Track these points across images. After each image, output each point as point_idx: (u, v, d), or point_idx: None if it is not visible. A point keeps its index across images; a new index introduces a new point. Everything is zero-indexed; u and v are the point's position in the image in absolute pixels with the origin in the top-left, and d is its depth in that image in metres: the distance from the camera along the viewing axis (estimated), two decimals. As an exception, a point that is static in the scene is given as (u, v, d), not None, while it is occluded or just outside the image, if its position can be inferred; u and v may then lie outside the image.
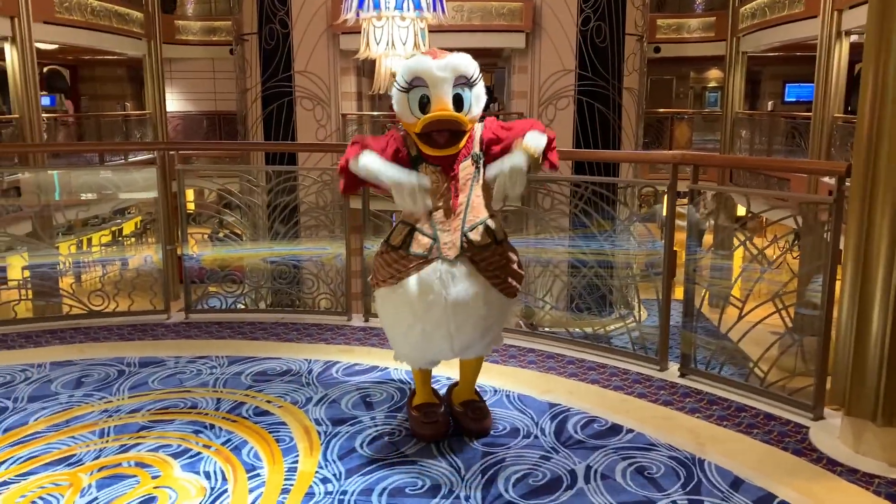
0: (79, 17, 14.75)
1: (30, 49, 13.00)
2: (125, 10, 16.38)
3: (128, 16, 16.47)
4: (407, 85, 2.73)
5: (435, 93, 2.69)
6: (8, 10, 12.53)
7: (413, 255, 2.77)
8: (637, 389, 3.53)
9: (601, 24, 13.09)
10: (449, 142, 2.74)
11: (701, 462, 2.81)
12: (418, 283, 2.73)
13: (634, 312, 4.25)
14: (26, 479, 2.68)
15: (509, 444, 2.94)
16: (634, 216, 4.30)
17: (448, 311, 2.72)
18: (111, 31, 15.86)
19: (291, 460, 2.82)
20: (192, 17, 20.19)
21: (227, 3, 19.09)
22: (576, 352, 4.04)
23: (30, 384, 3.59)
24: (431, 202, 2.76)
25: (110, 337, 4.37)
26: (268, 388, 3.53)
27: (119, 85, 21.27)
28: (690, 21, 18.66)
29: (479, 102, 2.79)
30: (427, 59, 2.73)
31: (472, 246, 2.77)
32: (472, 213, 2.81)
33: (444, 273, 2.72)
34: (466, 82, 2.73)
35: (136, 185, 5.59)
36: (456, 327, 2.76)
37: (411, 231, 2.80)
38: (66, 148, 15.29)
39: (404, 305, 2.78)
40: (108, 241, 18.17)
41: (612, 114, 13.40)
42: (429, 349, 2.86)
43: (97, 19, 15.32)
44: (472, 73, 2.75)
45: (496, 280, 2.81)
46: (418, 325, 2.78)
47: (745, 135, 16.28)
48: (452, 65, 2.71)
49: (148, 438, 3.00)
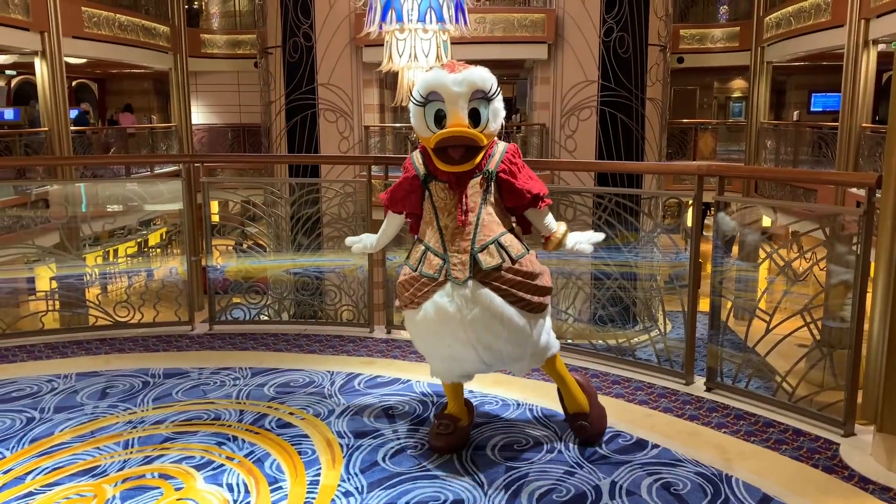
0: (107, 31, 15.01)
1: (59, 63, 13.23)
2: (152, 25, 16.65)
3: (154, 30, 16.72)
4: (423, 99, 2.72)
5: (451, 108, 2.67)
6: (38, 26, 12.78)
7: (425, 277, 2.76)
8: (662, 404, 3.48)
9: (624, 34, 13.05)
10: (464, 157, 2.70)
11: (728, 478, 2.76)
12: (435, 309, 2.74)
13: (659, 325, 4.20)
14: (51, 490, 2.69)
15: (532, 459, 2.91)
16: (659, 227, 4.26)
17: (469, 331, 2.72)
18: (138, 45, 16.12)
19: (314, 473, 2.81)
20: (218, 30, 20.45)
21: (252, 17, 19.34)
22: (600, 365, 4.00)
23: (56, 395, 3.63)
24: (443, 220, 2.78)
25: (135, 348, 4.41)
26: (290, 400, 3.53)
27: (145, 98, 21.57)
28: (714, 31, 18.54)
29: (496, 117, 2.77)
30: (443, 73, 2.70)
31: (481, 268, 2.73)
32: (482, 232, 2.77)
33: (458, 297, 2.71)
34: (484, 97, 2.70)
35: (161, 196, 5.65)
36: (483, 347, 2.77)
37: (425, 251, 2.81)
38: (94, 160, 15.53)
39: (426, 329, 2.81)
40: (134, 253, 18.38)
41: (635, 125, 13.34)
42: (457, 366, 2.88)
43: (125, 34, 15.58)
44: (490, 88, 2.71)
45: (512, 298, 2.75)
46: (444, 346, 2.80)
47: (770, 145, 16.11)
48: (469, 79, 2.67)
49: (171, 450, 3.01)
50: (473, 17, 11.80)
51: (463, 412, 3.08)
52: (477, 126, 2.70)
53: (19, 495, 2.66)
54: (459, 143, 2.67)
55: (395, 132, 15.38)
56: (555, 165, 10.79)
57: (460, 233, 2.75)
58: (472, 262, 2.73)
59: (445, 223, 2.78)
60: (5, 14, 11.97)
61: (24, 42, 12.71)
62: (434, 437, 2.99)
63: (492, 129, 2.77)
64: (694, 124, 19.13)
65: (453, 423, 3.00)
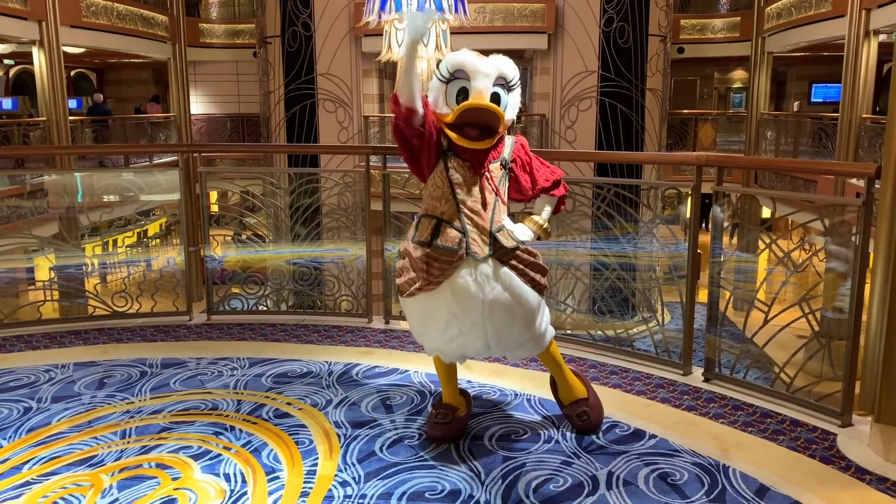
0: (105, 20, 14.94)
1: (57, 53, 13.18)
2: (150, 14, 16.57)
3: (153, 19, 16.65)
4: (448, 75, 2.76)
5: (475, 86, 2.71)
6: (36, 15, 12.72)
7: (442, 248, 2.73)
8: (660, 394, 3.49)
9: (624, 24, 13.01)
10: (479, 136, 2.73)
11: (725, 469, 2.76)
12: (454, 289, 2.75)
13: (657, 315, 4.20)
14: (49, 480, 2.70)
15: (530, 449, 2.92)
16: (658, 218, 4.25)
17: (486, 312, 2.76)
18: (137, 35, 16.05)
19: (311, 463, 2.81)
20: (216, 20, 20.37)
21: (251, 6, 19.26)
22: (598, 355, 4.00)
23: (53, 385, 3.63)
24: (461, 195, 2.77)
25: (133, 338, 4.40)
26: (288, 390, 3.53)
27: (144, 88, 21.53)
28: (715, 21, 18.47)
29: (513, 108, 2.83)
30: (472, 54, 2.78)
31: (500, 247, 2.78)
32: (498, 215, 2.84)
33: (480, 275, 2.74)
34: (506, 84, 2.77)
35: (159, 187, 5.64)
36: (493, 328, 2.80)
37: (438, 224, 2.78)
38: (91, 150, 15.51)
39: (442, 307, 2.80)
40: (133, 243, 18.38)
41: (634, 115, 13.30)
42: (464, 346, 2.89)
43: (123, 23, 15.51)
44: (513, 77, 2.80)
45: (526, 278, 2.82)
46: (455, 324, 2.81)
47: (770, 136, 16.08)
48: (497, 64, 2.76)
49: (169, 440, 3.01)
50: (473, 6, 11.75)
51: (460, 401, 3.09)
52: None
53: (16, 485, 2.66)
54: (480, 117, 2.69)
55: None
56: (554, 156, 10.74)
57: (479, 213, 2.78)
58: (492, 241, 2.77)
59: (463, 199, 2.77)
60: (3, 3, 11.91)
61: (21, 31, 12.65)
62: (431, 427, 2.99)
63: (508, 118, 2.82)
64: (694, 115, 19.08)
65: (451, 413, 3.01)
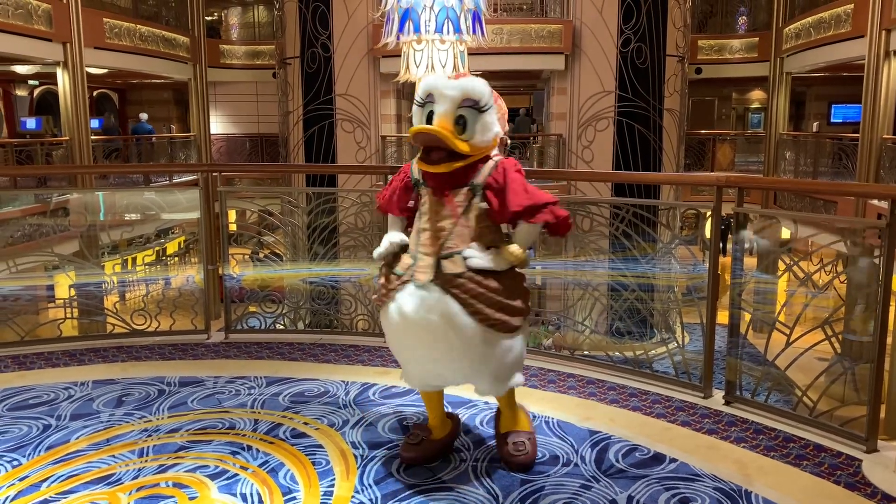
0: (128, 42, 15.20)
1: (81, 74, 13.41)
2: (172, 35, 16.84)
3: (174, 40, 16.92)
4: (421, 100, 2.72)
5: (438, 109, 2.64)
6: (61, 37, 12.97)
7: (394, 273, 2.76)
8: (680, 417, 3.44)
9: (642, 45, 13.04)
10: (441, 160, 2.64)
11: (748, 494, 2.72)
12: (397, 310, 2.72)
13: (676, 337, 4.16)
14: (67, 498, 2.70)
15: (549, 472, 2.88)
16: (677, 238, 4.22)
17: (426, 336, 2.68)
18: (158, 56, 16.31)
19: (328, 484, 2.79)
20: (237, 41, 20.65)
21: (271, 28, 19.51)
22: (617, 377, 3.96)
23: (72, 402, 3.64)
24: (422, 222, 2.77)
25: (151, 356, 4.42)
26: (305, 410, 3.52)
27: (165, 108, 21.82)
28: (733, 42, 18.47)
29: (485, 130, 2.69)
30: (442, 77, 2.71)
31: (442, 273, 2.66)
32: (453, 240, 2.70)
33: (418, 299, 2.66)
34: (474, 105, 2.65)
35: (179, 205, 5.69)
36: (434, 356, 2.73)
37: (403, 251, 2.81)
38: (113, 170, 15.71)
39: (389, 327, 2.82)
40: (152, 261, 18.54)
41: (652, 135, 13.29)
42: (421, 372, 2.85)
43: (145, 44, 15.77)
44: (481, 98, 2.66)
45: (471, 309, 2.63)
46: (405, 348, 2.82)
47: (789, 157, 16.00)
48: (462, 86, 2.64)
49: (186, 459, 3.00)
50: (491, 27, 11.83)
51: (438, 426, 3.02)
52: (462, 133, 2.65)
53: (35, 503, 2.66)
54: (428, 141, 2.63)
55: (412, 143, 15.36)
56: (572, 176, 10.73)
57: (435, 237, 2.72)
58: (436, 266, 2.68)
59: (425, 226, 2.76)
60: (28, 25, 12.15)
61: (46, 52, 12.90)
62: (402, 447, 2.97)
63: (477, 141, 2.68)
64: (712, 135, 19.03)
65: (424, 435, 2.97)
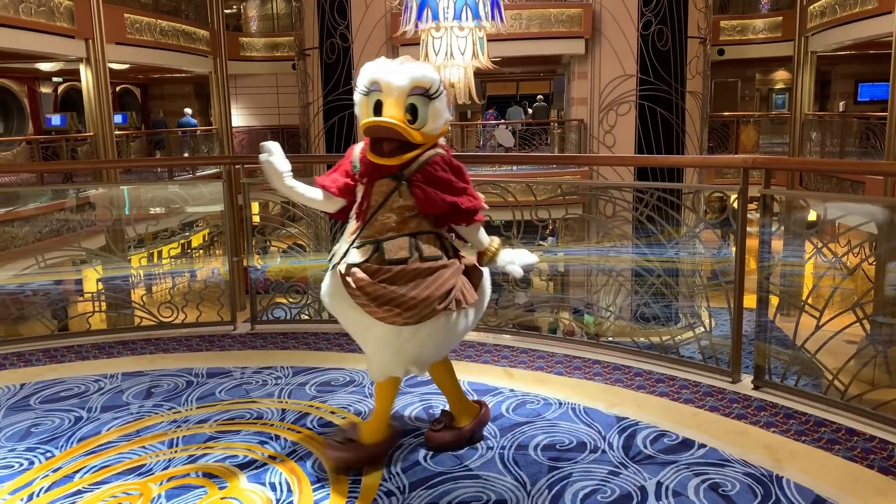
0: (148, 37, 15.30)
1: (103, 69, 13.53)
2: (192, 29, 16.93)
3: (194, 34, 17.00)
4: (365, 89, 2.63)
5: (388, 100, 2.57)
6: (83, 33, 13.08)
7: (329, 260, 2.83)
8: (708, 402, 3.41)
9: (663, 27, 12.88)
10: (393, 152, 2.59)
11: (779, 479, 2.69)
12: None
13: (703, 321, 4.12)
14: (99, 489, 2.74)
15: (576, 459, 2.87)
16: (702, 222, 4.18)
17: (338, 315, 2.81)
18: (179, 50, 16.41)
19: (355, 472, 2.81)
20: (256, 33, 20.70)
21: (290, 20, 19.53)
22: (643, 363, 3.93)
23: (103, 394, 3.69)
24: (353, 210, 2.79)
25: (179, 348, 4.46)
26: (331, 399, 3.54)
27: (187, 102, 21.98)
28: (756, 22, 18.19)
29: (436, 117, 2.62)
30: (387, 64, 2.61)
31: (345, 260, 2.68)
32: (369, 230, 2.68)
33: (328, 279, 2.80)
34: (424, 93, 2.58)
35: (203, 198, 5.73)
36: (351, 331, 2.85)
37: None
38: (137, 164, 15.87)
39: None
40: (178, 254, 18.72)
41: (675, 118, 13.14)
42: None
43: (166, 38, 15.87)
44: (430, 85, 2.59)
45: (354, 295, 2.63)
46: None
47: (815, 137, 15.74)
48: (410, 73, 2.56)
49: (215, 449, 3.03)
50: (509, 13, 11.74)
51: (373, 430, 2.86)
52: (414, 122, 2.58)
53: (68, 493, 2.71)
54: (379, 133, 2.57)
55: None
56: (594, 160, 10.67)
57: (357, 225, 2.73)
58: (344, 254, 2.70)
59: (352, 214, 2.79)
60: (51, 22, 12.27)
61: (69, 49, 13.02)
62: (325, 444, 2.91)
63: (429, 129, 2.62)
64: (735, 117, 18.79)
65: (347, 436, 2.86)
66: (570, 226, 4.94)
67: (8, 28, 11.43)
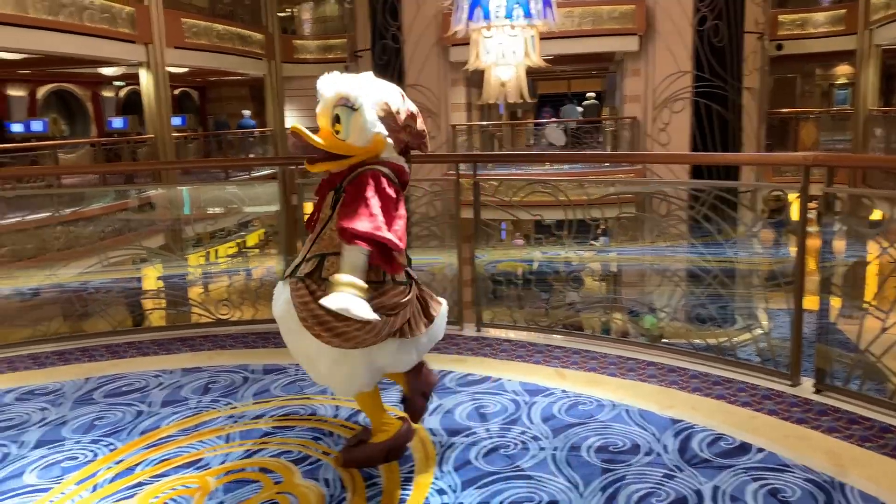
0: (206, 41, 15.67)
1: (163, 73, 13.91)
2: (247, 33, 17.28)
3: (249, 38, 17.35)
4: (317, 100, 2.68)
5: (317, 109, 2.65)
6: (143, 38, 13.47)
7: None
8: (767, 406, 3.32)
9: (719, 23, 12.61)
10: (313, 160, 2.61)
11: (842, 486, 2.61)
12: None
13: (761, 323, 4.02)
14: (159, 481, 2.81)
15: (630, 461, 2.83)
16: (761, 221, 4.08)
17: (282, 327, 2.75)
18: (235, 53, 16.76)
19: (407, 470, 2.82)
20: (310, 36, 20.98)
21: (342, 22, 19.74)
22: (699, 365, 3.85)
23: (163, 389, 3.79)
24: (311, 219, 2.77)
25: (236, 345, 4.55)
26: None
27: (242, 104, 22.42)
28: (817, 15, 17.66)
29: (359, 132, 2.56)
30: (329, 76, 2.65)
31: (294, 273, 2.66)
32: (318, 244, 2.65)
33: (278, 291, 2.75)
34: (346, 104, 2.56)
35: (259, 199, 5.84)
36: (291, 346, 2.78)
37: None
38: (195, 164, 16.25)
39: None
40: (234, 253, 19.11)
41: (731, 116, 12.85)
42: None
43: (222, 42, 16.22)
44: (352, 98, 2.56)
45: (300, 314, 2.60)
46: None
47: (879, 133, 15.20)
48: (336, 84, 2.60)
49: (270, 444, 3.09)
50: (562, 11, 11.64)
51: (375, 431, 2.87)
52: (339, 132, 2.59)
53: (129, 485, 2.79)
54: (294, 138, 2.58)
55: (483, 130, 15.34)
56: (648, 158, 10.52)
57: (310, 239, 2.71)
58: (297, 266, 2.68)
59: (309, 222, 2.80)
60: (113, 28, 12.67)
61: (130, 54, 13.43)
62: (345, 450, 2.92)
63: (355, 141, 2.58)
64: (795, 114, 18.27)
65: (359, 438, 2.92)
66: (624, 225, 4.87)
67: (74, 34, 11.84)
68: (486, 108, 15.81)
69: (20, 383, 3.93)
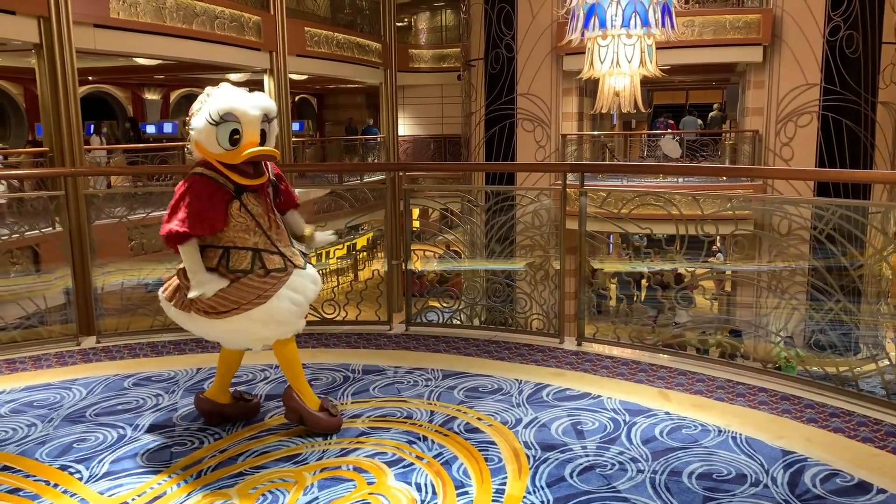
0: (326, 49, 16.21)
1: (285, 80, 14.50)
2: (365, 42, 17.75)
3: (367, 47, 17.81)
4: (218, 119, 2.98)
5: (248, 129, 3.01)
6: (268, 46, 14.10)
7: (275, 272, 3.12)
8: (891, 443, 3.07)
9: (853, 32, 11.90)
10: (257, 172, 3.10)
11: (976, 539, 2.37)
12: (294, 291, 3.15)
13: (888, 353, 3.73)
14: (259, 472, 2.90)
15: (734, 491, 2.69)
16: (892, 244, 3.78)
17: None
18: (353, 62, 17.26)
19: (499, 482, 2.79)
20: (425, 45, 21.34)
21: (457, 31, 19.98)
22: (815, 394, 3.61)
23: (268, 383, 3.92)
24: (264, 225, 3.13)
25: (339, 344, 4.66)
26: (479, 405, 3.54)
27: (358, 111, 23.07)
28: (965, 24, 16.32)
29: (273, 136, 3.17)
30: (239, 97, 3.02)
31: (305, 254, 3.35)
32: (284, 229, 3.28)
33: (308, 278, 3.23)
34: (268, 119, 3.09)
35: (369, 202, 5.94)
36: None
37: (255, 254, 3.11)
38: (310, 168, 16.84)
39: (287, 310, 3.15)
40: (343, 255, 19.66)
41: (863, 131, 12.08)
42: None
43: (341, 51, 16.74)
44: (271, 112, 3.12)
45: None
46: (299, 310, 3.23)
47: None
48: (263, 105, 3.06)
49: (366, 444, 3.13)
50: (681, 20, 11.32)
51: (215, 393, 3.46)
52: (263, 144, 3.07)
53: (231, 475, 2.89)
54: (266, 159, 3.10)
55: (594, 140, 15.11)
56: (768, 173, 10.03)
57: (278, 232, 3.20)
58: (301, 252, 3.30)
59: (266, 226, 3.15)
60: (241, 36, 13.32)
61: (255, 61, 14.08)
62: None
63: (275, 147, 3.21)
64: (936, 130, 16.93)
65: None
66: (740, 242, 4.65)
67: (205, 42, 12.54)
68: (597, 118, 15.56)
69: (138, 370, 4.17)
